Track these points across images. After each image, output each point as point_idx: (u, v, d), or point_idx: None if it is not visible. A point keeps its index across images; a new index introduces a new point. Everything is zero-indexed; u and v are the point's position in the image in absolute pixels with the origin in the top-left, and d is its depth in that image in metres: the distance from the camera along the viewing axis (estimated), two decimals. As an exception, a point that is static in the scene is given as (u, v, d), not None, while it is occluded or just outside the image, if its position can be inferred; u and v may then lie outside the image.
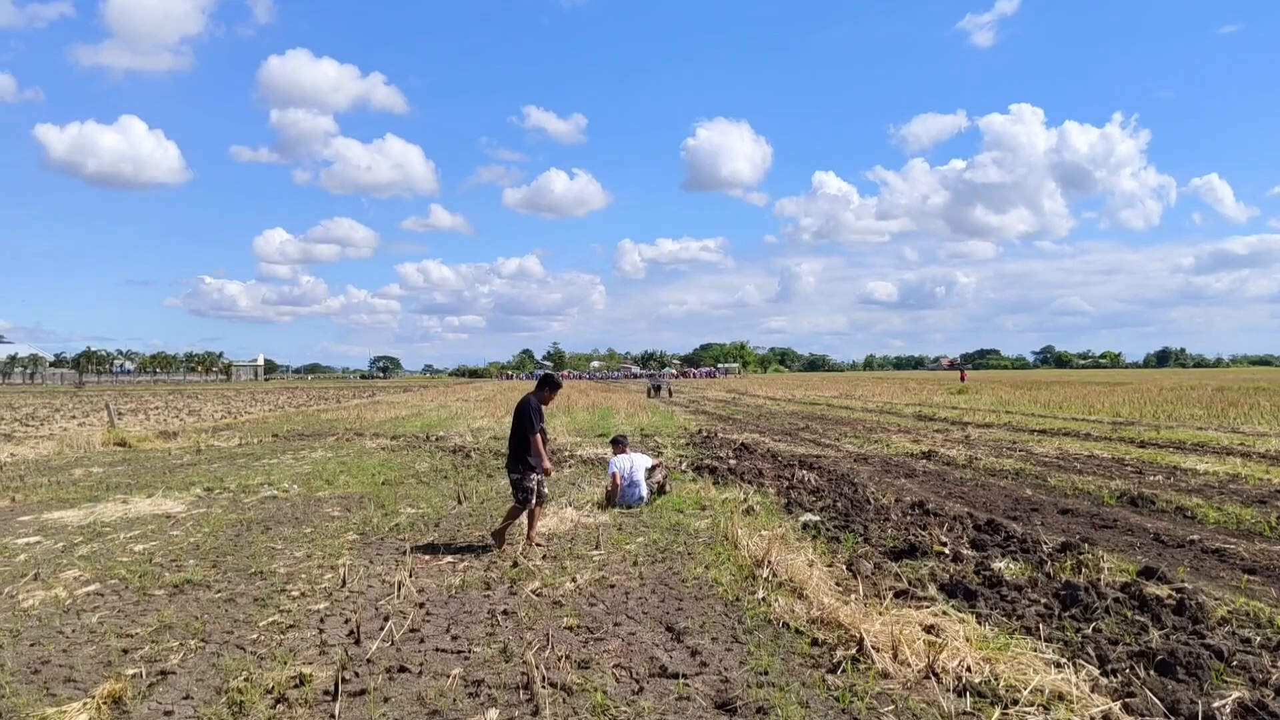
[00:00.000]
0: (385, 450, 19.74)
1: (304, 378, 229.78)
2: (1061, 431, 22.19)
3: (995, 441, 19.77)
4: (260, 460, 17.79)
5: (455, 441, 21.71)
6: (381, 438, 23.39)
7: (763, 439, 21.59)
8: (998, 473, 14.19)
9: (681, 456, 17.39)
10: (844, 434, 22.64)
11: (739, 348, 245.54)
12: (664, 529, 9.56)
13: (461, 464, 16.56)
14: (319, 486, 13.46)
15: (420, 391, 74.66)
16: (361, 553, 8.64)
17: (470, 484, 13.71)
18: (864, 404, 40.06)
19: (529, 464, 8.99)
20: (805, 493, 11.92)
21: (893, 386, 65.32)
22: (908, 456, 16.98)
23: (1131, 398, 39.22)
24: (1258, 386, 50.68)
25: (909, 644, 5.27)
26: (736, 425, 27.15)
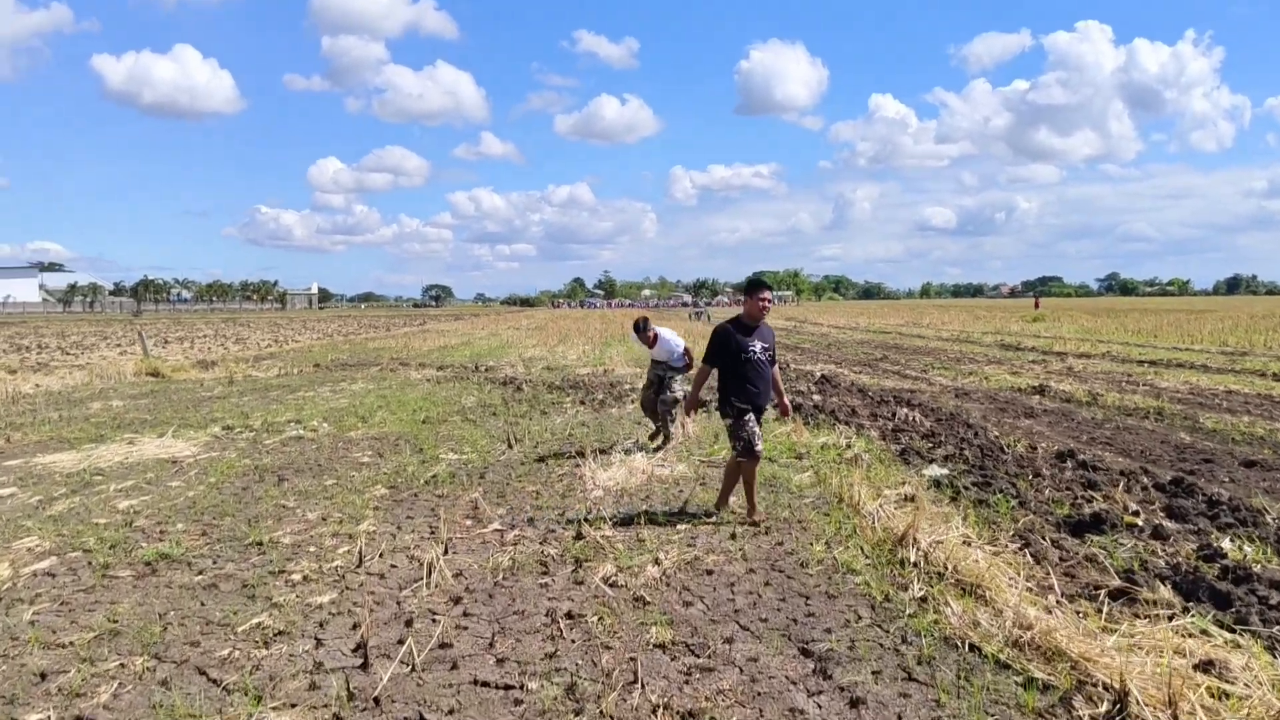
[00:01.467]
0: (430, 382, 18.20)
1: (357, 306, 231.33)
2: (1174, 363, 19.88)
3: (1106, 374, 17.59)
4: (295, 393, 16.35)
5: (506, 373, 20.11)
6: (428, 368, 21.90)
7: (841, 370, 19.64)
8: (1134, 412, 12.13)
9: (756, 390, 15.54)
10: (928, 365, 20.57)
11: (793, 275, 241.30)
12: (759, 482, 7.78)
13: (512, 398, 14.92)
14: (352, 425, 11.90)
15: (471, 320, 73.57)
16: (389, 514, 6.99)
17: (522, 422, 12.04)
18: (936, 332, 37.71)
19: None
20: (917, 437, 10.03)
21: (960, 314, 62.45)
22: (1015, 391, 14.93)
23: (1228, 326, 36.36)
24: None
25: (1187, 695, 3.42)
26: (807, 355, 25.18)
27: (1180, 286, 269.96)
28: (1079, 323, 43.17)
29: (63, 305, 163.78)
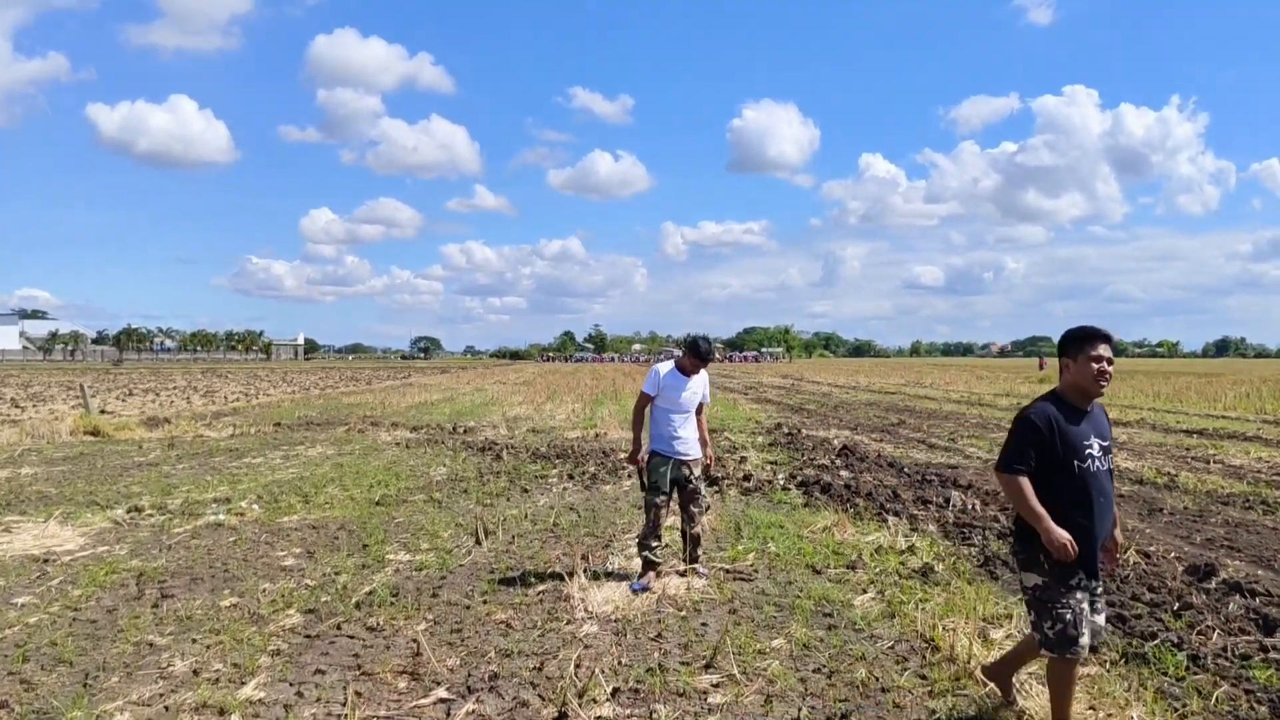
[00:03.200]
0: (399, 446, 16.12)
1: (345, 357, 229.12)
2: (1222, 433, 17.98)
3: (1160, 447, 15.65)
4: (242, 459, 14.25)
5: (486, 435, 18.04)
6: (401, 428, 19.82)
7: (859, 438, 17.63)
8: (1230, 500, 10.13)
9: (771, 463, 13.52)
10: (955, 432, 18.60)
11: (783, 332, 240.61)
12: (806, 612, 5.74)
13: (489, 469, 12.86)
14: (290, 506, 9.81)
15: (457, 373, 71.43)
16: (291, 665, 4.91)
17: (498, 504, 9.99)
18: (944, 393, 35.84)
19: None
20: (991, 536, 8.00)
21: (961, 374, 60.71)
22: (1069, 468, 12.93)
23: (1246, 390, 34.63)
24: (1379, 379, 45.53)
25: None
26: (815, 418, 23.20)
27: (1169, 348, 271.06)
28: (1088, 385, 41.33)
29: (43, 353, 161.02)
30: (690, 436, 6.60)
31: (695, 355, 6.56)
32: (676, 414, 6.54)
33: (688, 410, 6.59)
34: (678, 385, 6.54)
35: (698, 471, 6.67)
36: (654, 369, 6.67)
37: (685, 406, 6.57)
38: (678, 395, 6.53)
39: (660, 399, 6.54)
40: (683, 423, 6.55)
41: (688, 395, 6.59)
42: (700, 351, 6.56)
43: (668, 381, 6.54)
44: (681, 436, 6.52)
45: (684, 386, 6.57)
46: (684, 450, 6.54)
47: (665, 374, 6.55)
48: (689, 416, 6.61)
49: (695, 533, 6.72)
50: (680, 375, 6.59)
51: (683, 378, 6.59)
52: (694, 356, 6.56)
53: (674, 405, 6.53)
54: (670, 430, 6.50)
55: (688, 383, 6.60)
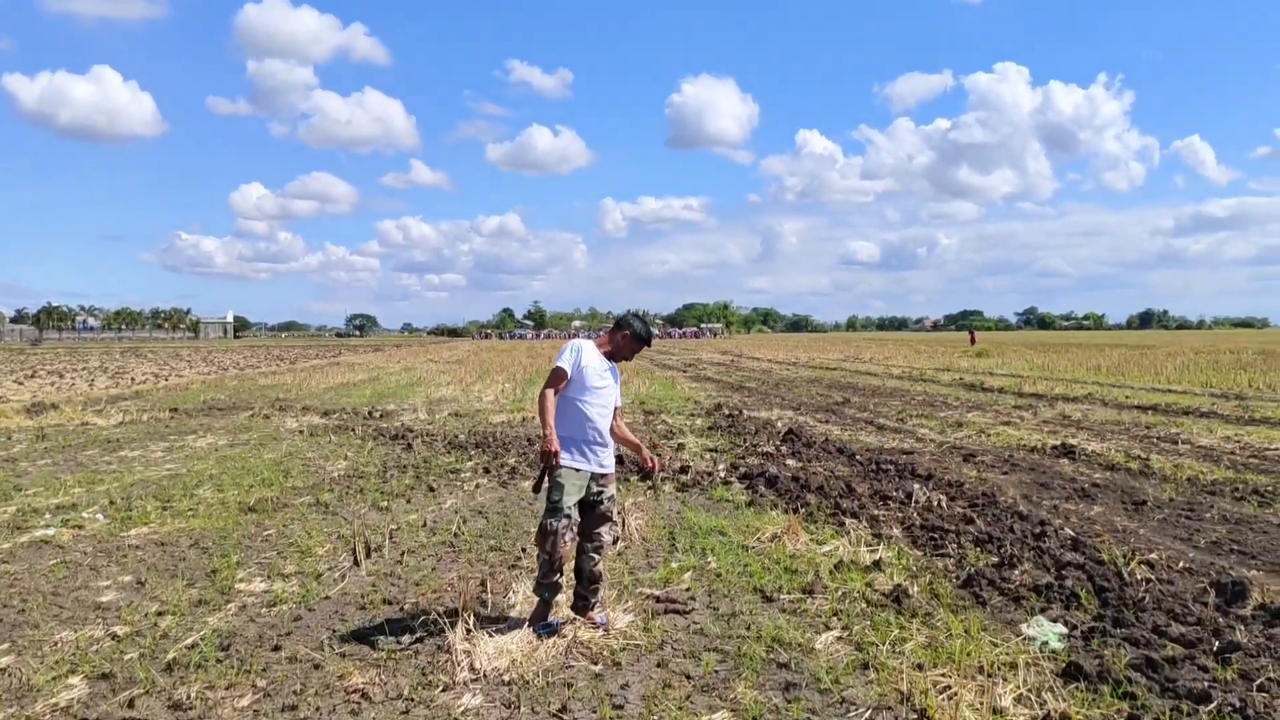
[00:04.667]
0: (303, 435, 14.56)
1: (277, 336, 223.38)
2: (1175, 409, 17.26)
3: (1119, 425, 14.80)
4: (117, 452, 12.58)
5: (403, 421, 16.55)
6: (311, 413, 18.19)
7: (803, 419, 16.53)
8: (1216, 490, 9.15)
9: (710, 450, 12.30)
10: (903, 411, 17.59)
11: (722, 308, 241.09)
12: (756, 663, 4.49)
13: (396, 463, 11.42)
14: (143, 515, 8.27)
15: (390, 352, 69.17)
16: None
17: (394, 508, 8.59)
18: (885, 369, 35.10)
19: None
20: (967, 542, 6.84)
21: (899, 348, 60.43)
22: (1032, 453, 11.95)
23: (1186, 362, 34.54)
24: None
25: None
26: (755, 396, 22.08)
27: (1096, 321, 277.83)
28: (1026, 358, 41.10)
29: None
30: (609, 442, 5.18)
31: (636, 339, 5.24)
32: (595, 409, 5.03)
33: (608, 406, 5.15)
34: (601, 372, 5.12)
35: (611, 490, 5.18)
36: (572, 344, 5.17)
37: (606, 400, 5.14)
38: (600, 385, 5.09)
39: (575, 385, 5.02)
40: (602, 422, 5.09)
41: (611, 388, 5.19)
42: (641, 334, 5.25)
43: (589, 364, 5.07)
44: (600, 441, 5.09)
45: (609, 376, 5.19)
46: (602, 461, 5.10)
47: (586, 354, 5.10)
48: (608, 415, 5.16)
49: (596, 570, 5.13)
50: (604, 360, 5.19)
51: (608, 363, 5.21)
52: (635, 340, 5.24)
53: (593, 397, 5.05)
54: (586, 431, 5.01)
55: (614, 371, 5.26)
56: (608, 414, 5.15)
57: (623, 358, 5.30)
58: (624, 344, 5.23)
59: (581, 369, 5.03)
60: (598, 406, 5.06)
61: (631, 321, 5.24)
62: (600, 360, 5.16)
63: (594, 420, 5.03)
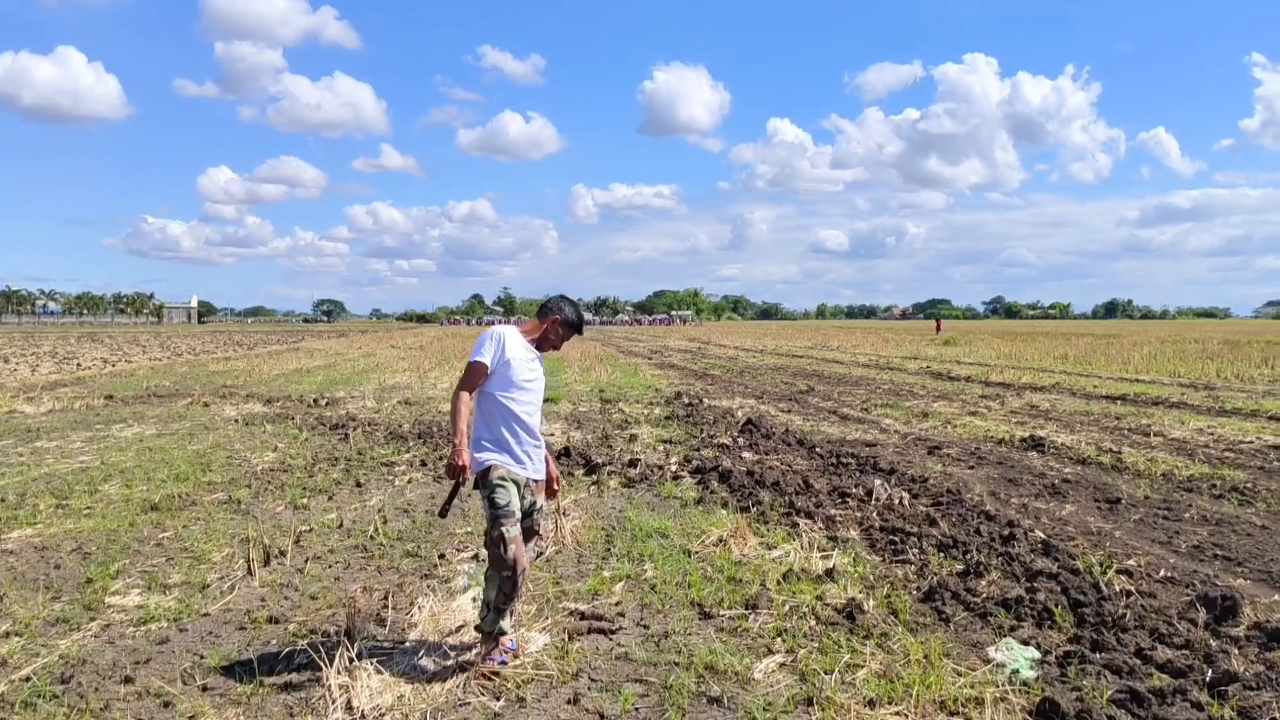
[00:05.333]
0: (239, 424, 13.78)
1: (243, 321, 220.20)
2: (1144, 399, 16.87)
3: (1088, 416, 14.35)
4: (33, 443, 11.75)
5: (347, 409, 15.80)
6: (255, 400, 17.37)
7: (765, 408, 15.96)
8: (1193, 486, 8.63)
9: (664, 442, 11.68)
10: (868, 401, 17.07)
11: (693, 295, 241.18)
12: (685, 697, 3.87)
13: (329, 453, 10.71)
14: (31, 515, 7.50)
15: (355, 337, 67.96)
16: None
17: (313, 504, 7.89)
18: (852, 357, 34.68)
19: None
20: (930, 546, 6.25)
21: (867, 336, 60.16)
22: (1000, 445, 11.44)
23: (1153, 351, 34.44)
24: (1269, 340, 46.34)
25: None
26: (719, 384, 21.49)
27: (1061, 310, 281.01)
28: (993, 347, 40.92)
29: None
30: (542, 443, 4.53)
31: (566, 325, 4.57)
32: (524, 405, 4.36)
33: (537, 403, 4.49)
34: (529, 363, 4.44)
35: (542, 500, 4.53)
36: (492, 332, 4.42)
37: (536, 395, 4.47)
38: (529, 378, 4.41)
39: (499, 379, 4.32)
40: (533, 420, 4.42)
41: (540, 381, 4.52)
42: (571, 320, 4.58)
43: (515, 355, 4.36)
44: (534, 442, 4.43)
45: (538, 367, 4.51)
46: (536, 466, 4.44)
47: (511, 343, 4.38)
48: (538, 411, 4.50)
49: None
50: (531, 349, 4.49)
51: (535, 353, 4.51)
52: (565, 327, 4.56)
53: (522, 394, 4.36)
54: (516, 431, 4.33)
55: (541, 359, 4.58)
56: (538, 410, 4.49)
57: (550, 347, 4.58)
58: (552, 331, 4.53)
59: (506, 361, 4.32)
60: (527, 404, 4.39)
61: (561, 306, 4.55)
62: (527, 350, 4.45)
63: (524, 419, 4.36)
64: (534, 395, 4.44)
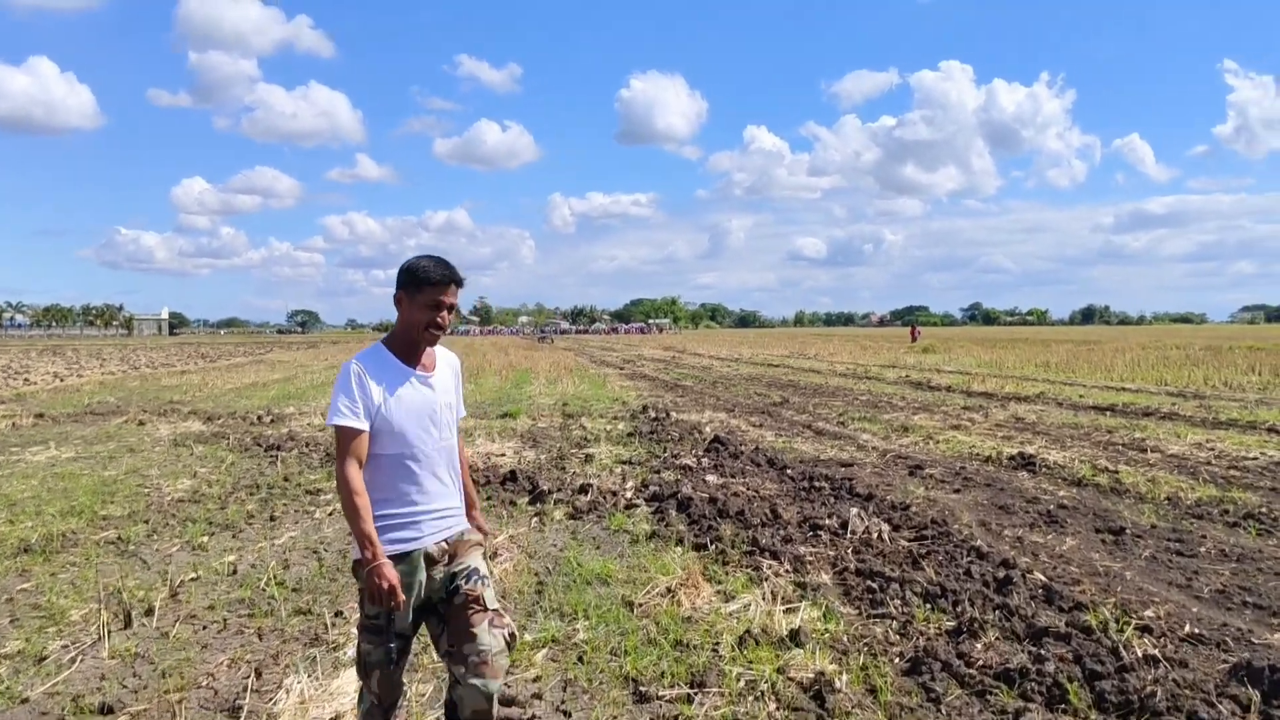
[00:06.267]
0: (169, 444, 12.74)
1: (216, 333, 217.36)
2: (1132, 410, 16.11)
3: (1076, 429, 13.55)
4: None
5: (291, 427, 14.78)
6: (195, 418, 16.30)
7: (735, 422, 15.07)
8: (1203, 513, 7.76)
9: (623, 462, 10.74)
10: (845, 413, 16.21)
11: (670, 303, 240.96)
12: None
13: (253, 479, 9.72)
14: (-123, 561, 6.48)
15: (325, 348, 66.62)
16: None
17: (213, 544, 6.90)
18: (829, 365, 33.87)
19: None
20: (913, 596, 5.34)
21: (845, 344, 59.50)
22: (987, 463, 10.59)
23: (1136, 358, 33.89)
24: (1250, 345, 46.02)
25: None
26: (689, 396, 20.58)
27: (1039, 316, 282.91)
28: (973, 354, 40.27)
29: None
30: (452, 487, 3.28)
31: (415, 284, 3.11)
32: (419, 451, 3.14)
33: (440, 434, 3.21)
34: (411, 388, 3.14)
35: (476, 560, 3.26)
36: (346, 370, 3.08)
37: (433, 427, 3.19)
38: (415, 409, 3.14)
39: (381, 430, 3.07)
40: (432, 463, 3.18)
41: (435, 403, 3.20)
42: (426, 275, 3.11)
43: (388, 383, 3.09)
44: (433, 491, 3.18)
45: (421, 386, 3.18)
46: (441, 521, 3.21)
47: (375, 369, 3.10)
48: (444, 447, 3.24)
49: (482, 706, 3.09)
50: (404, 367, 3.15)
51: (409, 371, 3.15)
52: (414, 289, 3.11)
53: (415, 437, 3.13)
54: (400, 490, 3.11)
55: (429, 378, 3.21)
56: (444, 445, 3.22)
57: (431, 339, 3.17)
58: (411, 315, 3.12)
59: (379, 409, 3.04)
60: (424, 447, 3.14)
61: (415, 265, 3.13)
62: (400, 369, 3.14)
63: (417, 472, 3.13)
64: (431, 428, 3.16)
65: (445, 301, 3.12)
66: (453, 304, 3.15)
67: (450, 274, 3.14)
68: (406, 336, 3.17)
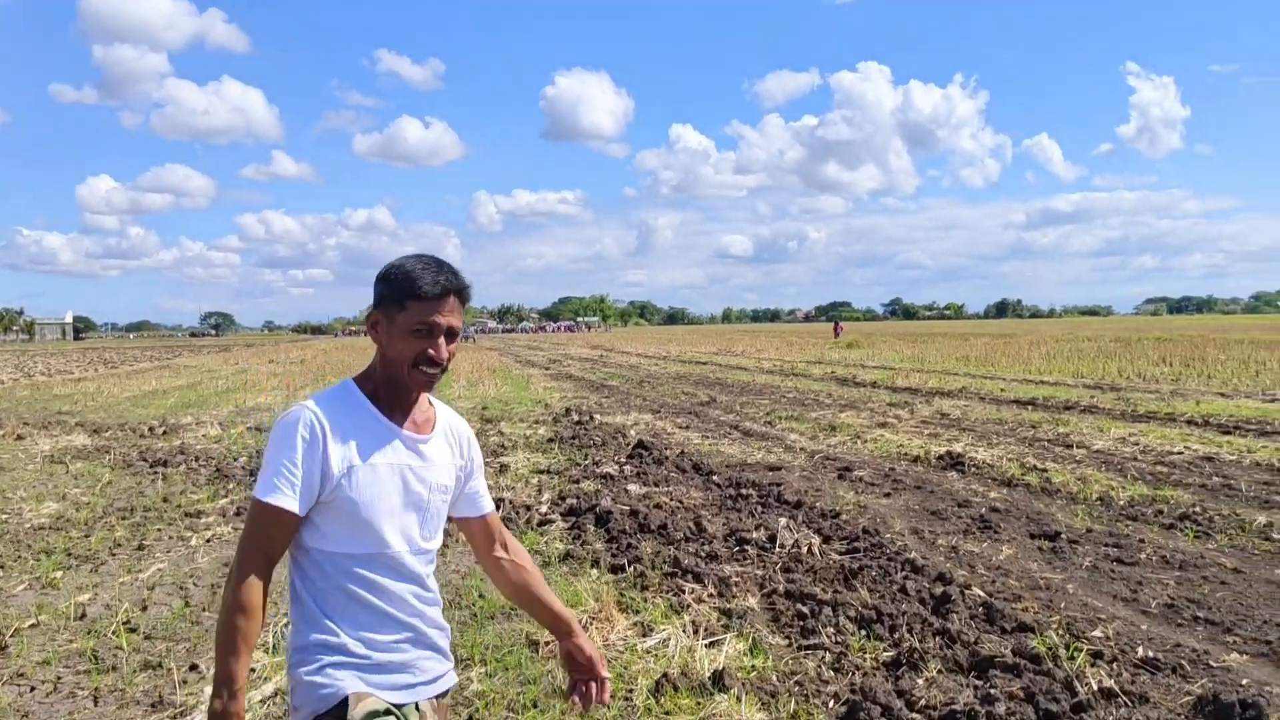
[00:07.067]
0: (43, 462, 11.68)
1: (125, 337, 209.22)
2: (1055, 403, 16.10)
3: (1000, 425, 13.39)
4: None
5: (184, 439, 13.76)
6: (81, 431, 15.13)
7: (661, 424, 14.57)
8: (1136, 514, 7.49)
9: (540, 472, 10.13)
10: (772, 412, 15.84)
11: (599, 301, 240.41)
12: None
13: (129, 500, 8.84)
14: None
15: (238, 352, 64.19)
16: None
17: (67, 580, 6.09)
18: (756, 363, 33.68)
19: None
20: (847, 620, 4.86)
21: (771, 340, 59.73)
22: (915, 463, 10.27)
23: (1050, 351, 34.51)
24: (1157, 337, 47.42)
25: None
26: (615, 396, 20.03)
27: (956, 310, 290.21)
28: (895, 349, 40.66)
29: None
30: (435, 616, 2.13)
31: (398, 297, 2.00)
32: (398, 554, 2.03)
33: (427, 542, 2.10)
34: (393, 455, 2.04)
35: None
36: (294, 420, 1.96)
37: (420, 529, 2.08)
38: (399, 490, 2.04)
39: (331, 518, 1.98)
40: (420, 579, 2.09)
41: (427, 484, 2.08)
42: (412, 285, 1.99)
43: (359, 445, 2.00)
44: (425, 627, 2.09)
45: (412, 457, 2.08)
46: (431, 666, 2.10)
47: (340, 422, 1.99)
48: (429, 555, 2.12)
49: None
50: (382, 421, 2.05)
51: (392, 431, 2.06)
52: (395, 304, 2.01)
53: (389, 527, 2.01)
54: (383, 613, 2.01)
55: (421, 443, 2.10)
56: (428, 550, 2.11)
57: (412, 384, 2.05)
58: (392, 347, 2.03)
59: (338, 483, 1.96)
60: (402, 549, 2.04)
61: (396, 269, 2.04)
62: (378, 424, 2.05)
63: (390, 587, 2.02)
64: (413, 525, 2.06)
65: (441, 323, 2.00)
66: (453, 326, 2.04)
67: (450, 281, 2.02)
68: (389, 378, 2.06)
